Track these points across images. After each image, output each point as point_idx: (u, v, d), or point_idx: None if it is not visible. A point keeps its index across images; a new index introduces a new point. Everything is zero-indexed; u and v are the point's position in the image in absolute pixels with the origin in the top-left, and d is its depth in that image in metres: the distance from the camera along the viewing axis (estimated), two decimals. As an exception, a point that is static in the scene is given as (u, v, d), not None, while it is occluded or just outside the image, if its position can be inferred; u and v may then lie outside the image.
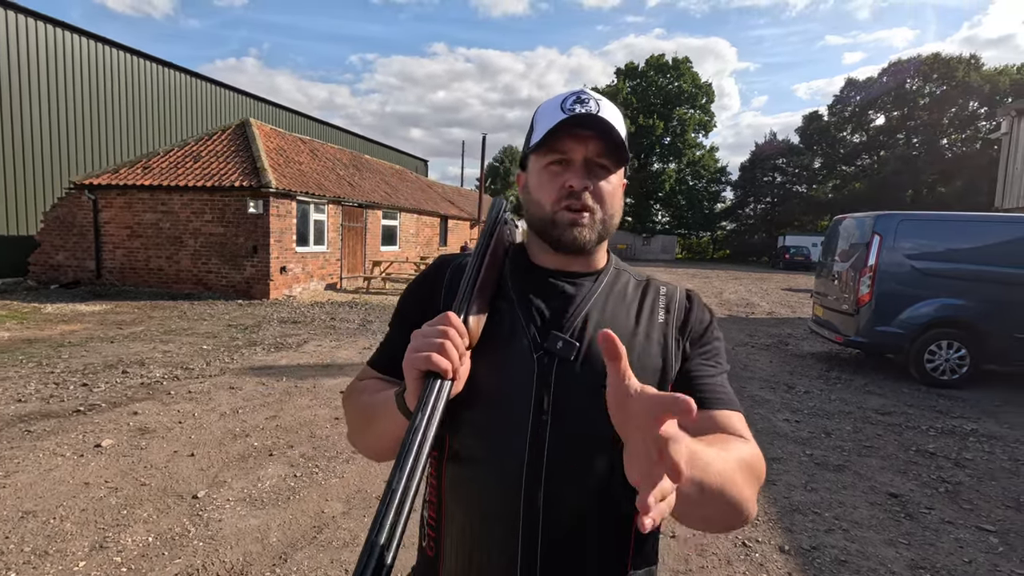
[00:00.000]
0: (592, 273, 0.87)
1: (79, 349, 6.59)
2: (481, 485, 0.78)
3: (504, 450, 0.76)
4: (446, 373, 0.66)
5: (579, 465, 0.76)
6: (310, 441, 4.03)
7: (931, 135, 38.50)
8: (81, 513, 2.94)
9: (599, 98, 0.81)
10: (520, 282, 0.84)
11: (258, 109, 23.08)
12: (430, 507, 0.84)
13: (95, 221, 11.73)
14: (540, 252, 0.87)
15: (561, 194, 0.80)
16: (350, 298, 12.30)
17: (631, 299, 0.86)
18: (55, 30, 14.31)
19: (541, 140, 0.79)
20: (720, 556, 2.77)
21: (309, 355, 6.75)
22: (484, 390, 0.77)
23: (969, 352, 6.17)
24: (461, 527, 0.79)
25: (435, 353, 0.66)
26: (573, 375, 0.77)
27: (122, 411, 4.52)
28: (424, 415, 0.62)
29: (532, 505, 0.75)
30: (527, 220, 0.87)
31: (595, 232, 0.81)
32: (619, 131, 0.79)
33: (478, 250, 0.81)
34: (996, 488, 3.66)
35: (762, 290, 18.11)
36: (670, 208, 48.19)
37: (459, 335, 0.69)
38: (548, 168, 0.81)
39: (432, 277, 0.89)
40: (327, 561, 2.62)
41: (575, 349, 0.78)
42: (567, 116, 0.77)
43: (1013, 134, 12.79)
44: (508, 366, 0.78)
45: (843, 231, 7.45)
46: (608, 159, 0.81)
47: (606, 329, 0.54)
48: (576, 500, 0.76)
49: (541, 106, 0.86)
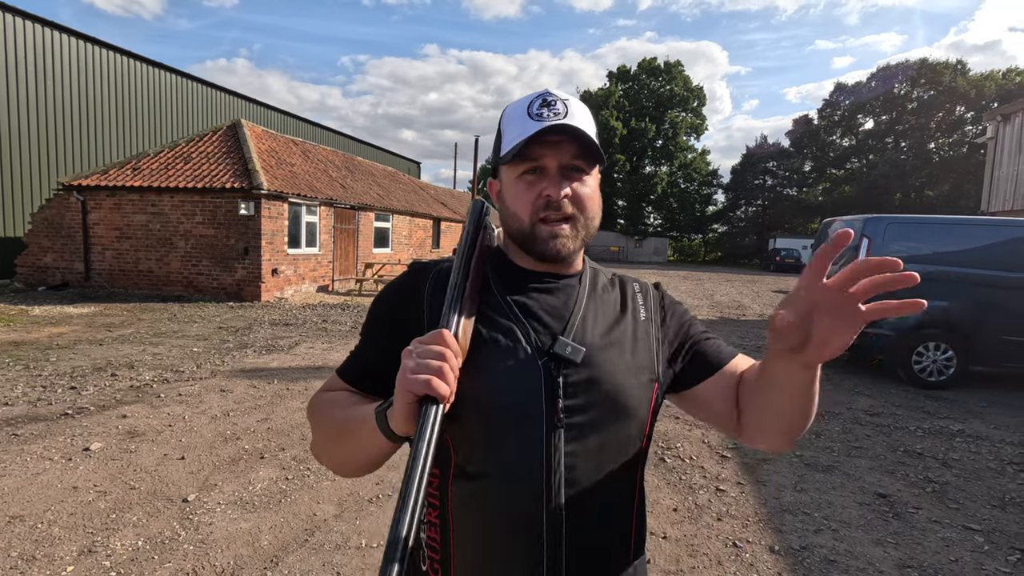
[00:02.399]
0: (574, 274, 0.87)
1: (67, 352, 6.52)
2: (497, 499, 0.75)
3: (520, 462, 0.74)
4: (445, 399, 0.63)
5: (594, 467, 0.77)
6: (302, 444, 4.01)
7: (919, 139, 38.98)
8: (69, 517, 2.91)
9: (566, 98, 0.79)
10: (509, 286, 0.82)
11: (249, 110, 22.95)
12: (430, 528, 0.80)
13: (84, 222, 11.61)
14: (519, 255, 0.85)
15: (539, 204, 0.78)
16: (342, 300, 12.26)
17: (614, 298, 0.87)
18: (43, 29, 14.18)
19: (512, 151, 0.76)
20: (711, 556, 2.79)
21: (301, 357, 6.72)
22: (489, 402, 0.75)
23: (956, 354, 6.25)
24: (477, 543, 0.77)
25: (435, 377, 0.63)
26: (581, 378, 0.76)
27: (111, 414, 4.48)
28: (425, 446, 0.61)
29: (555, 513, 0.74)
30: (505, 231, 0.86)
31: (577, 240, 0.80)
32: (590, 133, 0.77)
33: (461, 258, 0.77)
34: (982, 488, 3.70)
35: (753, 292, 18.23)
36: (662, 211, 48.41)
37: (455, 355, 0.66)
38: (523, 178, 0.79)
39: (407, 286, 0.85)
40: (319, 564, 2.61)
41: (581, 353, 0.77)
42: (536, 124, 0.75)
43: (999, 138, 12.97)
44: (513, 375, 0.75)
45: (833, 234, 7.52)
46: (583, 160, 0.79)
47: (845, 229, 0.59)
48: (593, 500, 0.76)
49: (506, 110, 0.83)
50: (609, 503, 0.79)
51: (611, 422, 0.78)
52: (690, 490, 3.53)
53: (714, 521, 3.14)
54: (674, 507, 3.29)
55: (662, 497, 3.42)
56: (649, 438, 0.85)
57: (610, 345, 0.81)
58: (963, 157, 35.61)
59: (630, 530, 0.83)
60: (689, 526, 3.08)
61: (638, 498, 0.84)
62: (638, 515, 0.84)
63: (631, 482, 0.82)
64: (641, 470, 0.84)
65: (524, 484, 0.74)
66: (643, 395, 0.81)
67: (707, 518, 3.18)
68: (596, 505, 0.77)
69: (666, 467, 3.88)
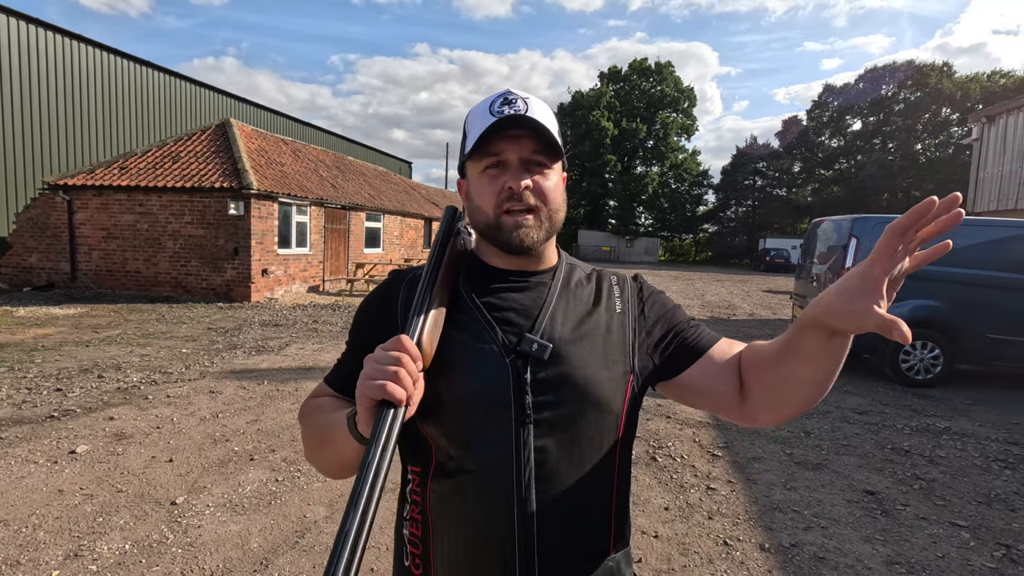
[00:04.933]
0: (547, 270, 0.88)
1: (53, 353, 6.43)
2: (471, 496, 0.77)
3: (490, 459, 0.76)
4: (401, 402, 0.64)
5: (565, 462, 0.77)
6: (292, 445, 3.98)
7: (905, 140, 39.46)
8: (55, 521, 2.87)
9: (526, 96, 0.82)
10: (478, 288, 0.84)
11: (239, 109, 22.78)
12: (412, 524, 0.83)
13: (70, 222, 11.46)
14: (492, 254, 0.87)
15: (502, 196, 0.80)
16: (333, 301, 12.20)
17: (588, 293, 0.88)
18: (28, 27, 13.98)
19: (474, 146, 0.79)
20: (702, 555, 2.80)
21: (291, 358, 6.68)
22: (461, 401, 0.77)
23: (943, 352, 6.32)
24: (453, 540, 0.78)
25: (390, 382, 0.64)
26: (550, 374, 0.78)
27: (98, 416, 4.42)
28: (378, 449, 0.61)
29: (525, 510, 0.75)
30: (473, 227, 0.87)
31: (541, 231, 0.82)
32: (549, 128, 0.80)
33: (430, 264, 0.80)
34: (968, 484, 3.75)
35: (743, 292, 18.35)
36: (653, 211, 48.59)
37: (413, 360, 0.67)
38: (486, 172, 0.81)
39: (385, 293, 0.88)
40: (309, 566, 2.59)
41: (548, 349, 0.78)
42: (496, 119, 0.78)
43: (984, 140, 13.15)
44: (482, 373, 0.77)
45: (821, 234, 7.60)
46: (543, 155, 0.81)
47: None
48: (565, 496, 0.77)
49: (471, 111, 0.85)
50: (584, 497, 0.79)
51: (582, 417, 0.79)
52: (681, 489, 3.55)
53: (705, 520, 3.16)
54: (665, 506, 3.31)
55: (654, 496, 3.43)
56: (628, 431, 0.85)
57: (580, 339, 0.81)
58: (949, 158, 36.08)
59: (608, 524, 0.83)
60: (680, 525, 3.10)
61: (616, 492, 0.84)
62: (618, 509, 0.84)
63: (607, 476, 0.82)
64: (620, 464, 0.84)
65: (494, 480, 0.76)
66: (616, 388, 0.82)
67: (698, 516, 3.19)
68: (569, 500, 0.78)
69: (658, 466, 3.90)
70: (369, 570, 2.60)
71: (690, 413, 5.11)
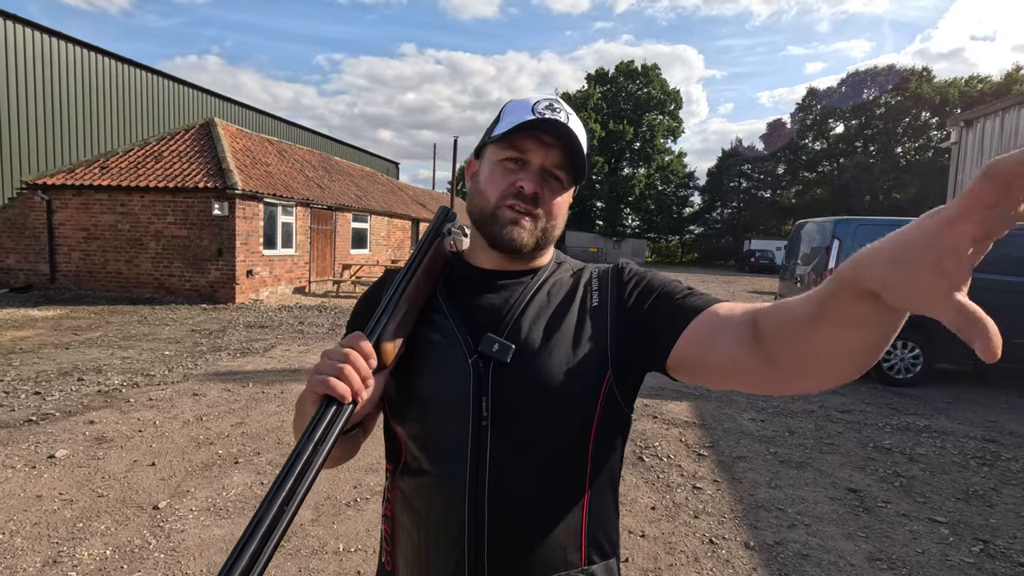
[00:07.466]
0: (531, 271, 0.86)
1: (31, 356, 6.30)
2: (428, 496, 0.77)
3: (447, 459, 0.75)
4: (342, 398, 0.64)
5: (523, 466, 0.75)
6: (277, 448, 3.94)
7: (886, 144, 40.21)
8: (33, 527, 2.81)
9: (570, 111, 0.81)
10: (456, 287, 0.84)
11: (223, 108, 22.52)
12: (385, 521, 0.84)
13: (49, 222, 11.24)
14: (480, 251, 0.85)
15: (509, 192, 0.79)
16: (319, 302, 12.10)
17: (568, 292, 0.84)
18: (7, 23, 13.70)
19: (505, 133, 0.77)
20: (688, 553, 2.83)
21: (277, 360, 6.61)
22: (424, 401, 0.77)
23: (923, 351, 6.44)
24: (410, 538, 0.79)
25: (332, 377, 0.64)
26: (511, 376, 0.75)
27: (78, 420, 4.34)
28: (310, 443, 0.61)
29: (477, 511, 0.74)
30: (468, 210, 0.85)
31: (534, 237, 0.80)
32: (582, 146, 0.79)
33: (410, 262, 0.79)
34: (947, 481, 3.83)
35: (729, 293, 18.52)
36: (640, 212, 48.94)
37: (363, 357, 0.67)
38: (503, 163, 0.80)
39: (373, 293, 0.89)
40: (295, 570, 2.57)
41: (510, 350, 0.76)
42: (535, 118, 0.77)
43: (962, 143, 13.42)
44: (445, 374, 0.77)
45: (805, 235, 7.70)
46: (564, 172, 0.80)
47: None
48: (522, 502, 0.75)
49: (511, 102, 0.84)
50: (547, 507, 0.76)
51: (544, 419, 0.76)
52: (668, 488, 3.57)
53: (691, 519, 3.19)
54: (652, 505, 3.33)
55: (640, 496, 3.45)
56: (604, 436, 0.79)
57: (547, 340, 0.78)
58: (928, 161, 36.78)
59: (578, 535, 0.78)
60: (667, 524, 3.12)
61: (589, 501, 0.79)
62: (591, 520, 0.79)
63: (575, 484, 0.78)
64: (593, 471, 0.79)
65: (448, 484, 0.75)
66: (585, 389, 0.77)
67: (684, 516, 3.22)
68: (530, 509, 0.75)
69: (644, 466, 3.92)
70: (356, 573, 2.58)
71: (676, 413, 5.15)
